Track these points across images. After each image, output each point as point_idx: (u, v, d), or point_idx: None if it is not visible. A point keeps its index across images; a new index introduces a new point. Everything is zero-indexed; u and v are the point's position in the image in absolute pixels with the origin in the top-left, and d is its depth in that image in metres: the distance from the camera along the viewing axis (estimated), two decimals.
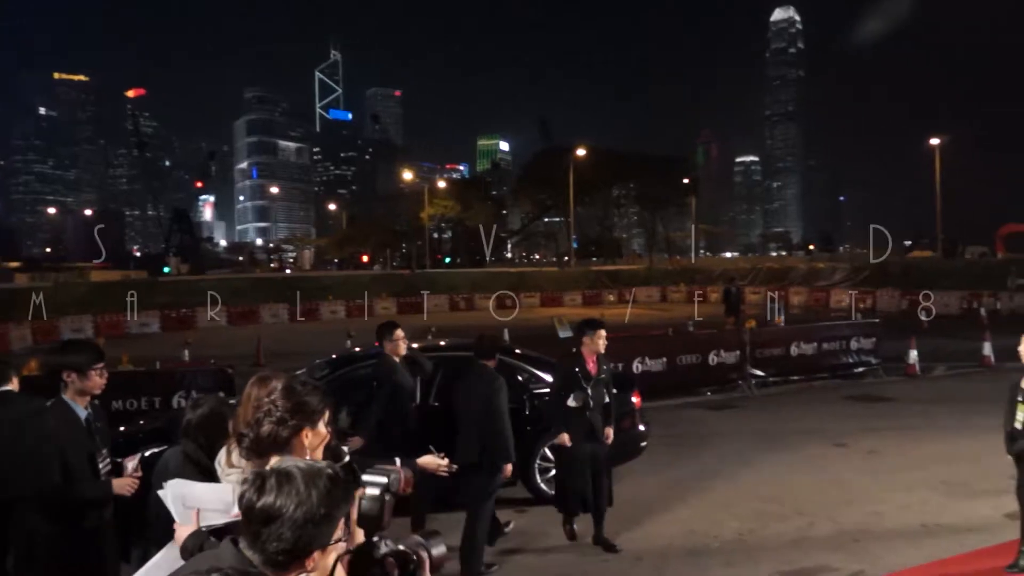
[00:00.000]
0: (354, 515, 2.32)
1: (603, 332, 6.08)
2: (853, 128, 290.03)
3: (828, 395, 12.91)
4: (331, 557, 1.62)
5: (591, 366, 6.02)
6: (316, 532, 1.56)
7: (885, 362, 14.69)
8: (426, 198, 73.88)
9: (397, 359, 6.12)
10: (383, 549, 1.69)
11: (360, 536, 2.05)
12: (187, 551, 2.63)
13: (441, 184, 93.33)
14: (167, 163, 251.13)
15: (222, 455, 2.95)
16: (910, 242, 74.82)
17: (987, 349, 15.44)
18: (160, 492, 2.68)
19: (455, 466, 4.55)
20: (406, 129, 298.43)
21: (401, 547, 1.70)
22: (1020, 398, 5.15)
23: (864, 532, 6.20)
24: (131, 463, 3.79)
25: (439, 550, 1.75)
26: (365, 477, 1.92)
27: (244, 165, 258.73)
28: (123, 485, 3.69)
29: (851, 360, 14.53)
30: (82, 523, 3.63)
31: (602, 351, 6.09)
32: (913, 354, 14.53)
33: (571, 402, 5.89)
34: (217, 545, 2.38)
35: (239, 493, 1.61)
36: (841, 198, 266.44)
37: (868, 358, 14.58)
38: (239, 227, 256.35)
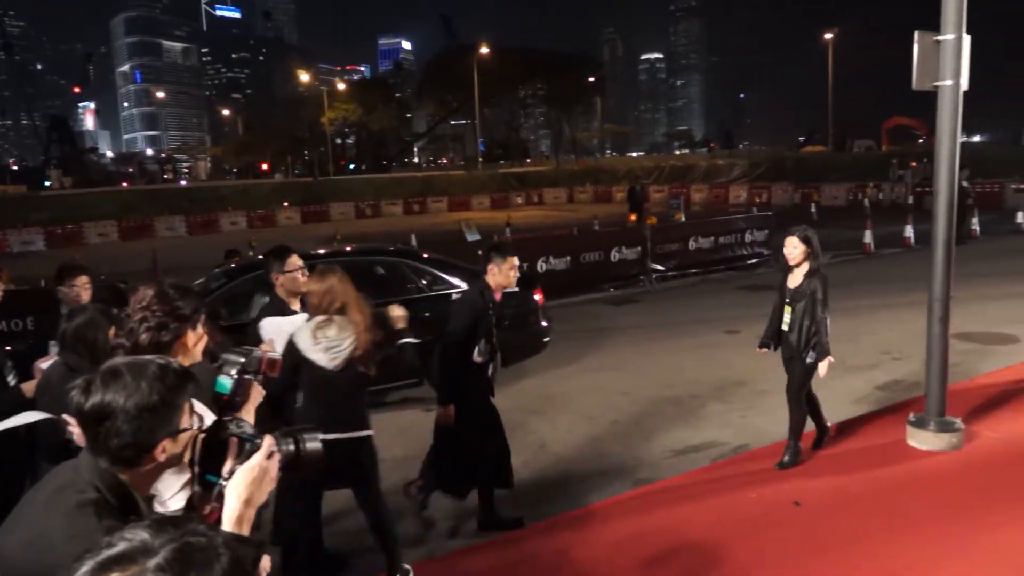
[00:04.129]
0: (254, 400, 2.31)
1: (516, 261, 4.60)
2: (755, 22, 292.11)
3: (723, 286, 13.53)
4: (182, 443, 1.62)
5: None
6: (155, 420, 1.55)
7: (777, 253, 15.43)
8: (326, 101, 71.05)
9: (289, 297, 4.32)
10: (231, 430, 1.64)
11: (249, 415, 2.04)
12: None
13: (341, 86, 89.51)
14: (39, 67, 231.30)
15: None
16: (804, 138, 77.50)
17: (868, 237, 16.42)
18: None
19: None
20: (301, 27, 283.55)
21: (248, 430, 1.64)
22: (788, 299, 5.27)
23: (750, 409, 6.66)
24: (44, 364, 3.66)
25: (313, 445, 1.71)
26: (224, 356, 1.89)
27: (126, 68, 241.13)
28: (32, 388, 3.54)
29: (745, 252, 15.22)
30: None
31: (513, 286, 4.63)
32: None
33: (477, 356, 4.51)
34: None
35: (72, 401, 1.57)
36: (741, 95, 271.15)
37: (761, 250, 15.30)
38: (126, 136, 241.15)
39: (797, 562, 3.99)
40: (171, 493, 1.91)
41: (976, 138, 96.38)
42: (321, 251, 8.13)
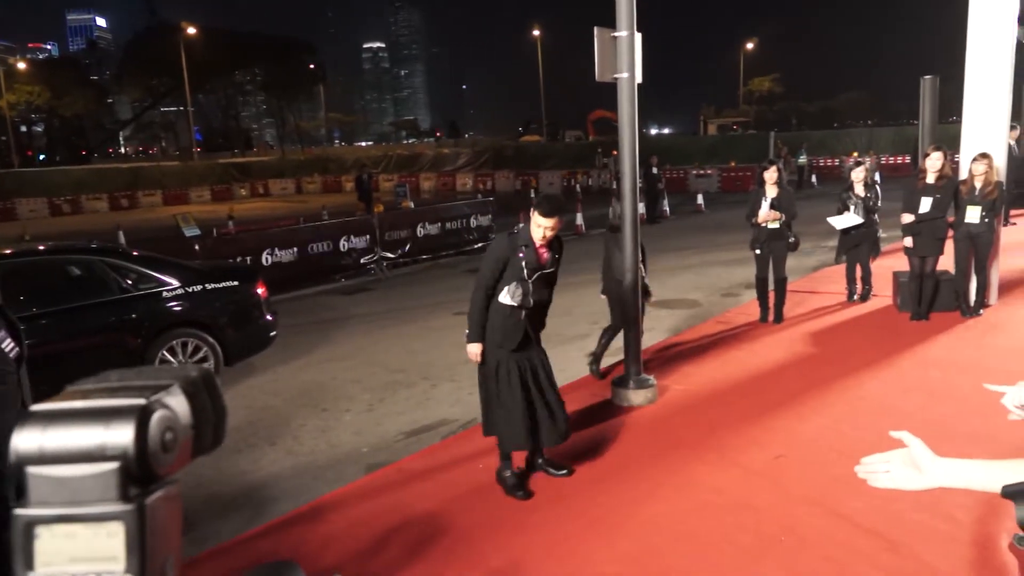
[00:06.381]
0: None
1: (547, 222, 4.48)
2: (472, 16, 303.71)
3: (452, 270, 13.99)
4: None
5: (543, 254, 4.53)
6: None
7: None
8: (3, 83, 61.75)
9: None
10: None
11: None
12: None
13: (22, 66, 78.23)
14: None
15: None
16: (522, 128, 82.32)
17: (579, 219, 17.91)
18: None
19: None
20: None
21: None
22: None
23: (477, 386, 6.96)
24: None
25: None
26: None
27: None
28: None
29: (472, 236, 15.86)
30: None
31: (543, 242, 4.50)
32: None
33: (506, 299, 4.45)
34: None
35: None
36: (464, 86, 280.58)
37: (486, 234, 16.03)
38: None
39: (515, 522, 4.28)
40: None
41: (666, 130, 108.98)
42: (7, 251, 7.12)
